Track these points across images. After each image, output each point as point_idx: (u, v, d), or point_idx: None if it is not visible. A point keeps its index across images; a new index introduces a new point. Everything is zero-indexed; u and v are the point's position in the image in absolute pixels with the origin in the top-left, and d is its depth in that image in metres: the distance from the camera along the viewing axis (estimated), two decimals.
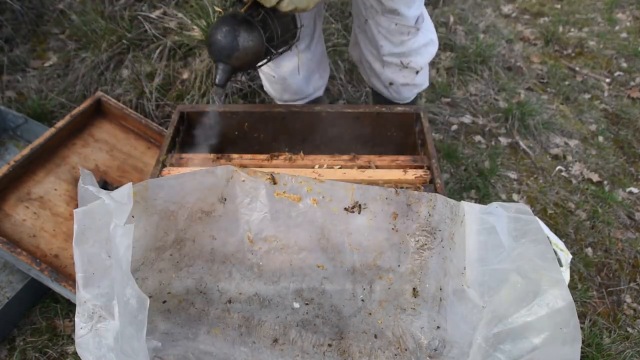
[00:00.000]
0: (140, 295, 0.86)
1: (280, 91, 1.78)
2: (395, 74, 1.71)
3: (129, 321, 0.86)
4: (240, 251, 1.18)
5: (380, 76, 1.74)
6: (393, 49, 1.61)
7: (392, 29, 1.54)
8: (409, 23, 1.53)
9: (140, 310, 0.86)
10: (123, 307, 0.86)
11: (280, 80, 1.71)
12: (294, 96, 1.80)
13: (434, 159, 1.32)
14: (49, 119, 2.16)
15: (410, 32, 1.57)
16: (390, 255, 1.17)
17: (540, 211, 2.03)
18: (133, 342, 0.85)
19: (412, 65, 1.67)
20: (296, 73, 1.69)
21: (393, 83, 1.75)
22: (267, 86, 1.82)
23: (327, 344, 1.08)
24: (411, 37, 1.59)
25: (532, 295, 0.93)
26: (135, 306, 0.86)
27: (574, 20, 3.39)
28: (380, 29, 1.56)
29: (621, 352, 1.58)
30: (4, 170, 1.58)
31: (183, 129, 1.50)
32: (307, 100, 1.84)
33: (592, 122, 2.53)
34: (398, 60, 1.65)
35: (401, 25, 1.53)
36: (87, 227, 0.93)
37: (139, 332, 0.85)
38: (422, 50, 1.67)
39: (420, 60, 1.68)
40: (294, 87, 1.75)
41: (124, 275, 0.86)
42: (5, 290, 1.56)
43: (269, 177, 1.13)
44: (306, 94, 1.81)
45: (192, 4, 2.49)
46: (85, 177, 1.00)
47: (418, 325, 1.10)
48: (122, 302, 0.86)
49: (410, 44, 1.61)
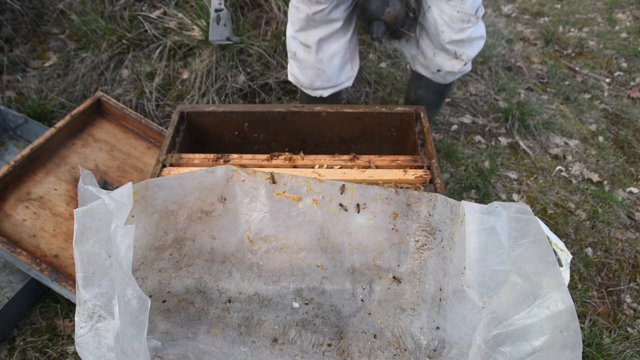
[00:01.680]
0: (142, 295, 0.86)
1: (312, 77, 1.80)
2: (444, 62, 1.78)
3: (130, 321, 0.85)
4: (240, 251, 1.18)
5: (431, 61, 1.81)
6: (453, 35, 1.66)
7: (454, 16, 1.61)
8: (470, 11, 1.60)
9: (141, 311, 0.86)
10: (124, 308, 0.86)
11: (316, 64, 1.74)
12: (326, 83, 1.83)
13: (434, 159, 1.32)
14: (49, 119, 2.16)
15: (471, 21, 1.63)
16: (390, 255, 1.17)
17: (540, 211, 2.03)
18: (134, 343, 0.85)
19: (464, 57, 1.74)
20: (334, 59, 1.74)
21: (441, 70, 1.82)
22: (298, 74, 1.83)
23: (326, 344, 1.08)
24: (471, 26, 1.65)
25: (532, 297, 0.93)
26: (136, 307, 0.86)
27: (574, 20, 3.39)
28: (443, 16, 1.62)
29: (621, 352, 1.58)
30: (4, 170, 1.58)
31: (183, 129, 1.50)
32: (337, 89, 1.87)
33: (592, 122, 2.53)
34: (454, 49, 1.71)
35: (463, 13, 1.59)
36: (87, 226, 0.93)
37: (139, 333, 0.85)
38: (476, 42, 1.74)
39: (472, 51, 1.75)
40: (328, 74, 1.78)
41: (125, 276, 0.86)
42: (5, 290, 1.56)
43: (268, 177, 1.13)
44: (337, 83, 1.85)
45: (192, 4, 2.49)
46: (85, 177, 1.00)
47: (417, 326, 1.10)
48: (123, 302, 0.86)
49: (470, 32, 1.67)
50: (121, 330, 0.85)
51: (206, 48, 2.31)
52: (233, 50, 2.27)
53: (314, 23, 1.62)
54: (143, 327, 0.85)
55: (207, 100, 2.21)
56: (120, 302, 0.86)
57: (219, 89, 2.24)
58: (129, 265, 0.87)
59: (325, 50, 1.71)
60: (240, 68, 2.27)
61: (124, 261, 0.86)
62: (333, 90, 1.85)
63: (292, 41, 1.74)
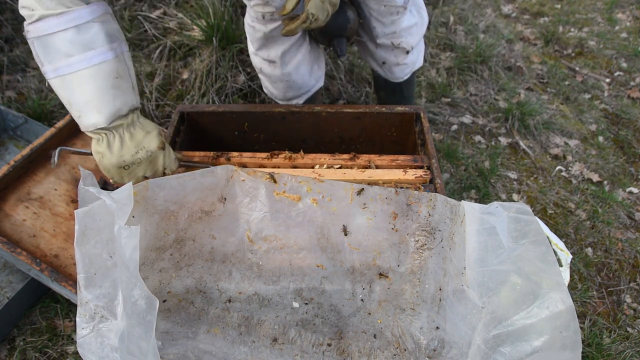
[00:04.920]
0: (150, 296, 0.86)
1: (284, 89, 1.80)
2: (387, 53, 1.78)
3: (137, 322, 0.85)
4: (240, 251, 1.18)
5: (374, 55, 1.82)
6: (384, 29, 1.67)
7: (381, 10, 1.61)
8: (397, 3, 1.60)
9: (149, 311, 0.86)
10: (130, 308, 0.86)
11: (284, 77, 1.74)
12: (298, 92, 1.83)
13: (434, 159, 1.32)
14: (49, 119, 2.16)
15: (399, 12, 1.63)
16: (390, 255, 1.17)
17: (540, 211, 2.03)
18: (140, 343, 0.85)
19: (403, 45, 1.74)
20: (300, 68, 1.73)
21: (385, 62, 1.82)
22: (270, 87, 1.83)
23: (326, 344, 1.08)
24: (400, 17, 1.65)
25: (532, 297, 0.93)
26: (143, 307, 0.86)
27: (574, 20, 3.39)
28: (371, 12, 1.63)
29: (621, 352, 1.58)
30: (4, 170, 1.59)
31: (183, 129, 1.50)
32: (310, 93, 1.87)
33: (592, 122, 2.53)
34: (389, 41, 1.72)
35: (390, 6, 1.59)
36: (88, 227, 0.93)
37: (147, 333, 0.85)
38: (412, 30, 1.74)
39: (411, 39, 1.75)
40: (298, 82, 1.78)
41: (132, 277, 0.86)
42: (5, 290, 1.56)
43: (268, 176, 1.13)
44: (310, 87, 1.85)
45: (192, 4, 2.49)
46: (85, 178, 1.00)
47: (417, 326, 1.10)
48: (130, 303, 0.86)
49: (400, 23, 1.67)
50: (127, 330, 0.85)
51: (206, 48, 2.31)
52: (233, 50, 2.27)
53: (272, 39, 1.61)
54: (151, 328, 0.85)
55: (207, 100, 2.21)
56: (126, 303, 0.86)
57: (219, 89, 2.24)
58: (135, 267, 0.86)
59: (290, 62, 1.70)
60: (240, 68, 2.27)
61: (130, 262, 0.86)
62: (307, 95, 1.87)
63: (255, 58, 1.74)
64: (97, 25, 1.06)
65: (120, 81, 1.09)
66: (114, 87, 1.07)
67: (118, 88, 1.08)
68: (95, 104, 1.06)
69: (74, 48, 1.03)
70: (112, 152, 1.09)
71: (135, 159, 1.11)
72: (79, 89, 1.06)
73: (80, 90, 1.06)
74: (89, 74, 1.04)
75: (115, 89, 1.08)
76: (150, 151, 1.13)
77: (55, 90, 1.09)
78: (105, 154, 1.10)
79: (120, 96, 1.08)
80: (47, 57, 1.05)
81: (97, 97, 1.06)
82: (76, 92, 1.06)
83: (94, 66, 1.05)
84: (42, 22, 1.01)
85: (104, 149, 1.10)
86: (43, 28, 1.02)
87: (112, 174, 1.12)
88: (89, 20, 1.04)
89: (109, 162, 1.10)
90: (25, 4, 1.03)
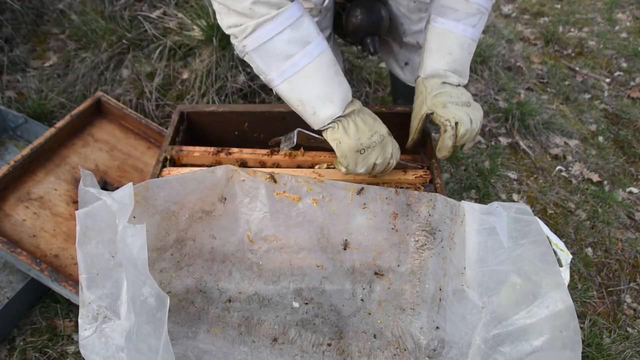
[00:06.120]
0: (160, 293, 0.86)
1: None
2: (411, 53, 1.76)
3: (146, 320, 0.85)
4: (240, 250, 1.18)
5: (397, 56, 1.79)
6: (412, 26, 1.65)
7: (411, 6, 1.59)
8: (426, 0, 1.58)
9: (159, 308, 0.85)
10: (139, 307, 0.86)
11: None
12: None
13: (434, 159, 1.32)
14: (49, 119, 2.16)
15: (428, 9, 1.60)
16: (390, 255, 1.17)
17: (540, 211, 2.03)
18: (150, 341, 0.84)
19: None
20: None
21: (408, 63, 1.79)
22: None
23: (326, 344, 1.08)
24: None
25: (532, 297, 0.93)
26: (153, 304, 0.86)
27: (574, 20, 3.39)
28: (400, 8, 1.61)
29: (621, 352, 1.58)
30: (4, 170, 1.58)
31: (183, 128, 1.50)
32: None
33: (592, 122, 2.53)
34: (415, 40, 1.69)
35: (419, 3, 1.57)
36: (90, 228, 0.93)
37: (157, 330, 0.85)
38: None
39: None
40: None
41: (140, 275, 0.86)
42: (5, 290, 1.56)
43: (268, 176, 1.13)
44: None
45: (192, 4, 2.49)
46: (85, 178, 1.00)
47: (417, 326, 1.10)
48: (139, 301, 0.86)
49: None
50: (136, 329, 0.85)
51: (206, 48, 2.31)
52: (233, 50, 2.27)
53: None
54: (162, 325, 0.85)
55: (207, 100, 2.21)
56: (135, 302, 0.86)
57: (219, 89, 2.24)
58: (144, 264, 0.86)
59: None
60: (240, 68, 2.27)
61: (138, 260, 0.86)
62: None
63: None
64: (307, 18, 1.06)
65: (338, 67, 1.10)
66: (336, 73, 1.09)
67: (339, 74, 1.09)
68: (327, 95, 1.07)
69: (294, 47, 1.03)
70: (349, 137, 1.09)
71: (371, 142, 1.11)
72: (307, 85, 1.06)
73: (310, 87, 1.06)
74: (313, 68, 1.05)
75: (338, 76, 1.09)
76: (383, 135, 1.13)
77: (283, 95, 1.10)
78: (343, 139, 1.10)
79: (343, 82, 1.10)
80: (268, 65, 1.05)
81: (326, 88, 1.07)
82: (306, 89, 1.07)
83: (316, 59, 1.05)
84: (259, 30, 1.01)
85: (340, 135, 1.10)
86: (261, 36, 1.02)
87: (349, 160, 1.12)
88: (299, 16, 1.04)
89: (347, 146, 1.10)
90: (233, 21, 1.03)
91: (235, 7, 1.01)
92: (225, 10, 1.04)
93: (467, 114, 1.21)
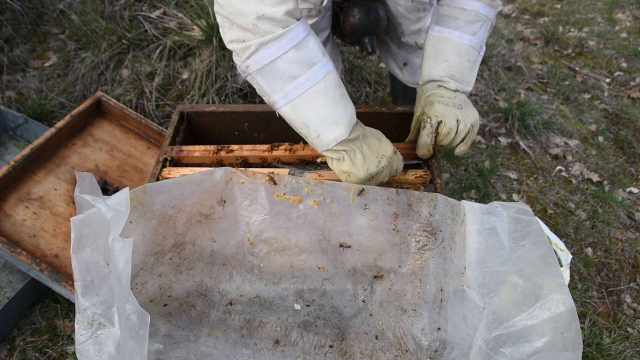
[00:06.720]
0: (141, 311, 0.84)
1: None
2: (410, 54, 1.76)
3: (130, 336, 0.85)
4: (240, 253, 1.18)
5: (396, 56, 1.79)
6: (410, 26, 1.65)
7: (409, 6, 1.59)
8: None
9: (141, 326, 0.84)
10: (124, 322, 0.85)
11: None
12: None
13: (434, 159, 1.32)
14: (49, 119, 2.16)
15: (426, 9, 1.62)
16: (391, 255, 1.17)
17: (540, 211, 2.03)
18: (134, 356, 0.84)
19: None
20: None
21: (407, 63, 1.79)
22: None
23: (328, 345, 1.08)
24: (426, 14, 1.64)
25: (533, 298, 0.93)
26: (135, 322, 0.85)
27: (574, 20, 3.39)
28: (398, 7, 1.61)
29: (621, 352, 1.58)
30: (4, 170, 1.58)
31: (183, 128, 1.50)
32: None
33: (592, 122, 2.53)
34: (413, 40, 1.69)
35: (417, 2, 1.57)
36: (85, 234, 0.92)
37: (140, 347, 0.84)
38: None
39: None
40: None
41: (124, 291, 0.85)
42: (5, 290, 1.56)
43: (268, 178, 1.12)
44: None
45: (192, 4, 2.49)
46: (82, 182, 0.98)
47: (419, 327, 1.10)
48: (123, 316, 0.85)
49: (425, 21, 1.66)
50: (122, 343, 0.86)
51: (206, 48, 2.31)
52: None
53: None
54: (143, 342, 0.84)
55: (207, 100, 2.21)
56: (120, 316, 0.86)
57: (219, 89, 2.23)
58: (127, 281, 0.85)
59: None
60: None
61: (122, 276, 0.85)
62: None
63: None
64: (312, 37, 1.02)
65: (343, 89, 1.06)
66: (342, 95, 1.05)
67: (344, 96, 1.06)
68: (333, 117, 1.03)
69: (299, 68, 0.99)
70: (358, 168, 1.08)
71: (380, 168, 1.10)
72: (312, 108, 1.02)
73: (314, 109, 1.02)
74: (318, 90, 1.01)
75: (343, 98, 1.05)
76: (389, 157, 1.12)
77: (287, 117, 1.06)
78: (352, 171, 1.08)
79: (348, 104, 1.06)
80: (272, 86, 1.01)
81: (331, 110, 1.03)
82: (310, 112, 1.03)
83: (321, 81, 1.01)
84: (263, 50, 0.97)
85: (349, 167, 1.08)
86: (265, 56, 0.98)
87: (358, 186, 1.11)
88: (305, 36, 0.99)
89: (356, 179, 1.09)
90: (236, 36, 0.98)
91: (238, 21, 0.96)
92: (228, 25, 1.00)
93: (455, 114, 1.20)
